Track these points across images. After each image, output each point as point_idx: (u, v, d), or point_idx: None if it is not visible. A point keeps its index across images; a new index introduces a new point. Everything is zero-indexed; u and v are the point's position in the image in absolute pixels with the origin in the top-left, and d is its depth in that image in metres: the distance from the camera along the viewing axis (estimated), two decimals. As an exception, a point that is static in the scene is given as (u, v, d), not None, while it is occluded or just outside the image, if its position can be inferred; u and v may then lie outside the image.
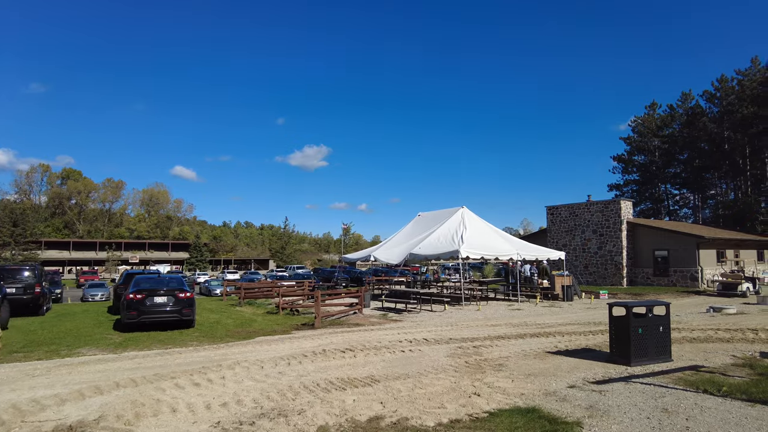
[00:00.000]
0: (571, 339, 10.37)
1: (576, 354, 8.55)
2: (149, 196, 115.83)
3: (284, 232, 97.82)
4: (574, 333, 11.20)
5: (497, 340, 10.19)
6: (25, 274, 16.77)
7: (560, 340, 10.19)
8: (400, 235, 24.23)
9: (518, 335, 10.90)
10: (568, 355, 8.44)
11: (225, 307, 20.51)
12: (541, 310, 17.12)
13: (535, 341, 10.08)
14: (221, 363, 7.86)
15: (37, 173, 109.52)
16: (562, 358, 8.23)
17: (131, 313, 12.14)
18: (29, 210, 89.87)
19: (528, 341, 10.09)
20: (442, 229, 20.98)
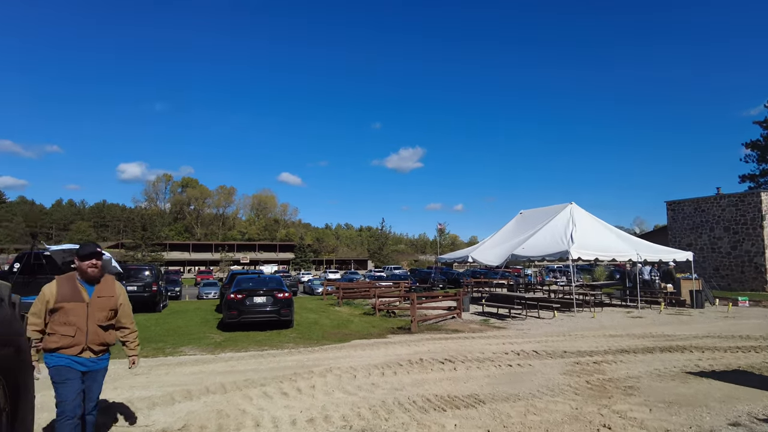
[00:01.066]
0: (715, 356, 8.63)
1: (727, 377, 6.96)
2: (258, 201, 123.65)
3: (381, 233, 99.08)
4: (717, 348, 9.36)
5: (621, 355, 8.76)
6: (144, 273, 18.07)
7: (700, 357, 8.51)
8: (500, 234, 22.83)
9: (645, 349, 9.34)
10: (716, 378, 6.89)
11: (324, 306, 20.64)
12: (667, 319, 14.95)
13: (667, 357, 8.51)
14: (313, 369, 7.45)
15: (161, 182, 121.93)
16: (710, 381, 6.72)
17: (232, 313, 12.36)
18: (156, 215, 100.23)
19: (659, 357, 8.55)
20: (548, 227, 19.31)
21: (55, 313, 3.58)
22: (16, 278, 10.59)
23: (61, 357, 3.56)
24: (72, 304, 3.60)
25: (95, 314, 3.68)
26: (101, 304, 3.73)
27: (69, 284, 3.68)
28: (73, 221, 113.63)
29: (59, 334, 3.55)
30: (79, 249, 3.77)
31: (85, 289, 3.70)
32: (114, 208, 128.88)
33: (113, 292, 3.85)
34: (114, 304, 3.82)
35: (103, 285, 3.80)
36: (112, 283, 3.90)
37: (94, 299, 3.70)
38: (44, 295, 3.60)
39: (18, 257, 11.27)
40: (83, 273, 3.71)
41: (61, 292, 3.61)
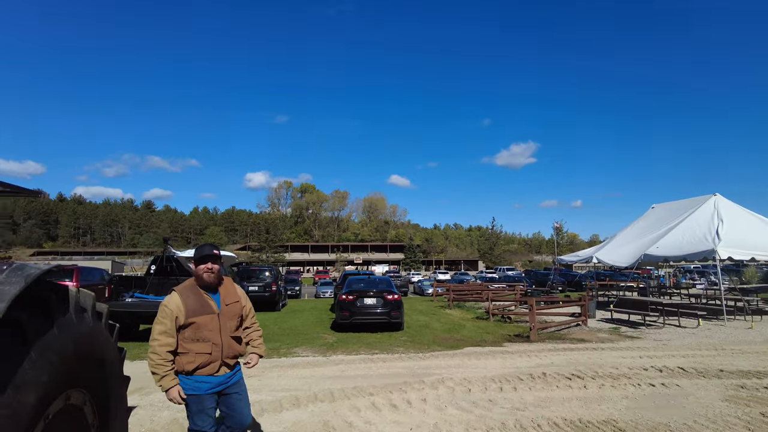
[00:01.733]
0: None
1: None
2: (369, 204, 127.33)
3: (492, 232, 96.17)
4: None
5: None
6: (264, 274, 19.08)
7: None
8: (629, 231, 20.56)
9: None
10: None
11: (434, 308, 20.18)
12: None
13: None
14: (424, 379, 6.99)
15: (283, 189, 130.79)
16: None
17: (344, 314, 12.39)
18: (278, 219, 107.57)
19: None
20: (686, 223, 16.91)
21: (185, 330, 3.09)
22: (151, 280, 11.59)
23: (200, 381, 3.11)
24: (204, 318, 3.12)
25: (227, 325, 3.23)
26: (230, 312, 3.28)
27: (194, 295, 3.19)
28: (207, 226, 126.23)
29: (193, 353, 3.08)
30: (195, 252, 3.35)
31: (212, 299, 3.23)
32: (241, 214, 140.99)
33: (237, 296, 3.40)
34: (240, 309, 3.39)
35: (226, 290, 3.35)
36: (233, 286, 3.44)
37: (223, 308, 3.25)
38: (170, 311, 3.07)
39: (153, 260, 12.34)
40: (199, 278, 3.23)
41: (189, 306, 3.12)
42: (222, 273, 3.39)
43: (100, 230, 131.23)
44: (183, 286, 3.25)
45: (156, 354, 3.01)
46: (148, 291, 11.48)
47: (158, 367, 3.00)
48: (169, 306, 3.09)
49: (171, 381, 3.04)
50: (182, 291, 3.19)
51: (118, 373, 2.57)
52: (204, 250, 3.27)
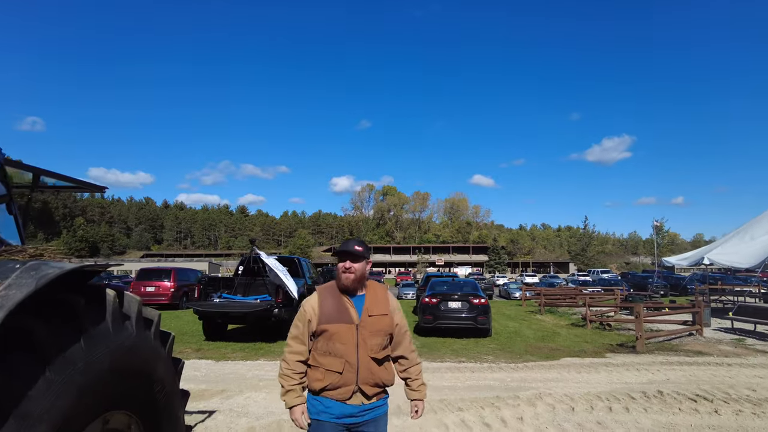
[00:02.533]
0: None
1: None
2: (450, 204, 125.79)
3: (584, 233, 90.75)
4: None
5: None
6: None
7: None
8: (752, 228, 18.04)
9: None
10: None
11: (524, 313, 19.05)
12: None
13: None
14: (518, 394, 6.28)
15: (365, 192, 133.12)
16: None
17: (427, 318, 11.87)
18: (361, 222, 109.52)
19: None
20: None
21: (317, 339, 2.51)
22: (238, 280, 11.81)
23: (328, 406, 2.44)
24: (337, 326, 2.46)
25: (367, 341, 2.47)
26: (375, 326, 2.51)
27: (332, 298, 2.55)
28: (296, 229, 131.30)
29: (323, 369, 2.45)
30: (339, 246, 2.68)
31: (353, 305, 2.53)
32: (327, 217, 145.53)
33: (386, 307, 2.59)
34: (389, 324, 2.57)
35: (374, 298, 2.57)
36: (384, 294, 2.64)
37: (365, 319, 2.51)
38: (305, 313, 2.53)
39: (240, 261, 12.59)
40: (337, 279, 2.58)
41: (324, 309, 2.50)
42: (367, 276, 2.63)
43: (199, 234, 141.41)
44: (325, 286, 2.64)
45: (284, 362, 2.51)
46: (236, 291, 11.71)
47: (284, 378, 2.48)
48: (305, 306, 2.55)
49: (295, 398, 2.46)
50: (322, 291, 2.59)
51: (171, 390, 2.24)
52: (344, 245, 2.58)
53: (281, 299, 10.65)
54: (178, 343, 10.61)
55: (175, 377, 2.38)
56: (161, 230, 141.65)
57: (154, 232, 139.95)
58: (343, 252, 2.54)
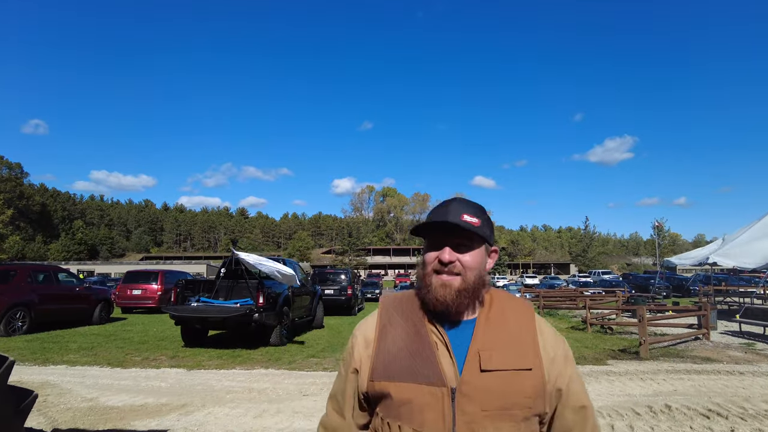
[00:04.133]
0: None
1: None
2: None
3: (585, 233, 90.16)
4: None
5: None
6: (340, 277, 18.45)
7: None
8: (757, 228, 17.40)
9: None
10: None
11: (522, 317, 18.41)
12: None
13: None
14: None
15: (365, 194, 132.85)
16: None
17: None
18: (361, 224, 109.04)
19: None
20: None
21: (376, 408, 1.20)
22: (220, 283, 11.20)
23: None
24: (410, 390, 1.12)
25: (478, 420, 1.10)
26: (494, 395, 1.11)
27: (406, 324, 1.21)
28: (296, 231, 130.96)
29: None
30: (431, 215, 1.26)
31: (448, 344, 1.16)
32: (327, 219, 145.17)
33: (527, 352, 1.16)
34: (533, 391, 1.13)
35: (496, 329, 1.19)
36: (526, 322, 1.22)
37: (473, 377, 1.12)
38: (351, 350, 1.28)
39: (223, 263, 11.99)
40: (421, 288, 1.22)
41: (386, 347, 1.19)
42: (486, 282, 1.24)
43: (199, 236, 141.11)
44: (396, 298, 1.31)
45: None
46: (216, 295, 11.10)
47: None
48: (353, 337, 1.30)
49: None
50: (389, 307, 1.27)
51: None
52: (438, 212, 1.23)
53: (263, 302, 10.05)
54: (155, 349, 10.03)
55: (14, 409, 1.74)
56: (161, 233, 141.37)
57: (154, 235, 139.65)
58: (433, 227, 1.20)
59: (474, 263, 1.19)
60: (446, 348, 1.16)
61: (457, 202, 1.24)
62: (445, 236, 1.20)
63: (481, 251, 1.22)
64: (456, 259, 1.18)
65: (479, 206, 1.27)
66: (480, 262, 1.21)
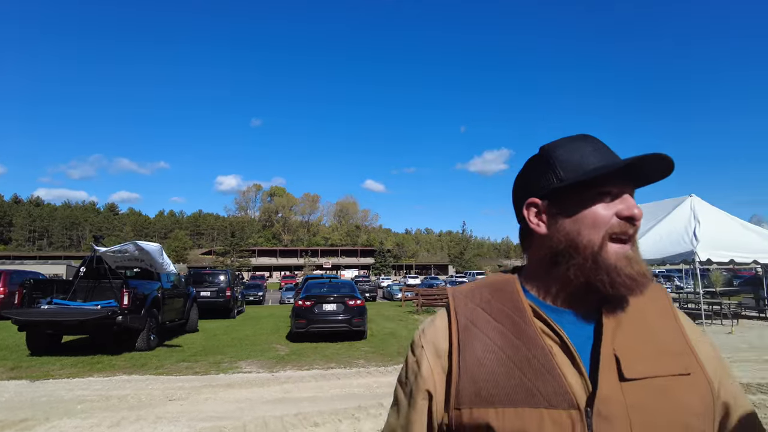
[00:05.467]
0: None
1: None
2: (341, 208, 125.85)
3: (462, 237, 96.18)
4: None
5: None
6: (219, 278, 17.57)
7: None
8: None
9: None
10: None
11: (402, 314, 19.08)
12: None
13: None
14: (383, 401, 5.82)
15: (252, 192, 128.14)
16: None
17: (300, 322, 11.11)
18: (246, 223, 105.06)
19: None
20: (664, 224, 16.26)
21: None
22: (78, 283, 10.06)
23: None
24: (519, 416, 0.71)
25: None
26: (648, 412, 0.70)
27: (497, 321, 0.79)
28: (172, 230, 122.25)
29: None
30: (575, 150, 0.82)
31: (568, 344, 0.75)
32: (209, 218, 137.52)
33: (678, 345, 0.77)
34: (705, 397, 0.74)
35: (634, 321, 0.78)
36: (666, 306, 0.83)
37: (613, 391, 0.71)
38: (414, 369, 0.84)
39: (83, 261, 10.79)
40: (595, 265, 0.76)
41: (472, 361, 0.77)
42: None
43: (59, 234, 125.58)
44: (479, 286, 0.87)
45: None
46: (75, 296, 9.94)
47: None
48: (416, 353, 0.85)
49: None
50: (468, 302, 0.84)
51: None
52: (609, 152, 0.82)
53: (128, 304, 9.21)
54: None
55: None
56: (9, 228, 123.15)
57: (0, 231, 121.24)
58: (642, 162, 0.77)
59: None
60: (568, 352, 0.76)
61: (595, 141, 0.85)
62: (628, 185, 0.81)
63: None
64: (634, 226, 0.78)
65: None
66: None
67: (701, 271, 34.64)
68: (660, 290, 0.84)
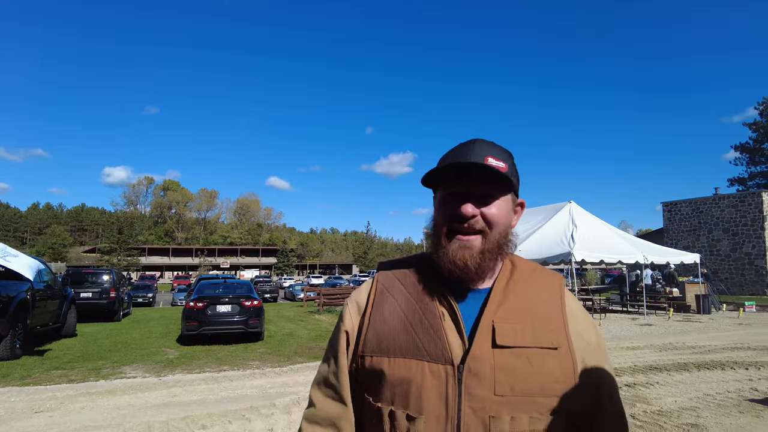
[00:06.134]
0: (765, 375, 7.18)
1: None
2: (241, 205, 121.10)
3: (367, 237, 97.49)
4: (761, 364, 7.91)
5: (652, 374, 7.27)
6: (102, 278, 16.18)
7: (750, 377, 7.04)
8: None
9: (678, 365, 7.87)
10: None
11: (303, 314, 18.94)
12: (680, 327, 13.59)
13: (711, 377, 7.04)
14: (276, 401, 5.80)
15: (143, 186, 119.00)
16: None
17: (190, 324, 10.62)
18: (135, 219, 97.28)
19: (700, 377, 7.07)
20: (546, 227, 17.86)
21: (367, 386, 0.98)
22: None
23: None
24: (408, 366, 0.93)
25: (489, 406, 0.88)
26: (514, 378, 0.89)
27: (408, 290, 1.01)
28: (49, 225, 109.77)
29: None
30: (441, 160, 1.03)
31: (458, 314, 0.95)
32: (93, 212, 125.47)
33: (553, 328, 0.95)
34: (567, 369, 0.92)
35: (516, 298, 0.97)
36: (555, 293, 1.00)
37: (484, 353, 0.90)
38: (342, 318, 1.07)
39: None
40: (437, 247, 0.99)
41: (381, 316, 0.99)
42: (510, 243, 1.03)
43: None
44: (399, 261, 1.10)
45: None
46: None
47: None
48: (344, 310, 1.08)
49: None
50: (388, 273, 1.07)
51: None
52: (459, 152, 0.99)
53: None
54: None
55: None
56: None
57: None
58: (451, 171, 0.97)
59: (500, 217, 0.97)
60: (455, 318, 0.94)
61: (481, 143, 1.00)
62: (465, 185, 0.96)
63: (508, 203, 1.00)
64: (479, 213, 0.95)
65: (506, 149, 1.03)
66: (507, 216, 0.99)
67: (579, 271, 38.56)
68: (556, 278, 1.03)
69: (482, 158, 0.95)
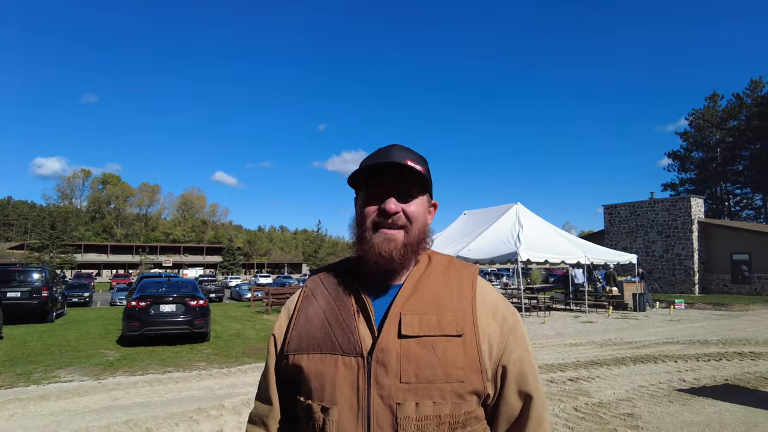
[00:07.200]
0: (692, 367, 7.71)
1: (723, 395, 5.93)
2: (185, 201, 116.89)
3: (317, 236, 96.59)
4: (687, 357, 8.51)
5: (594, 368, 7.64)
6: (32, 276, 15.17)
7: (679, 369, 7.55)
8: (444, 236, 21.71)
9: (616, 360, 8.32)
10: (713, 397, 5.84)
11: (251, 314, 18.54)
12: (618, 324, 14.36)
13: (645, 370, 7.49)
14: (224, 402, 5.65)
15: (78, 179, 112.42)
16: (710, 402, 5.64)
17: (132, 324, 10.15)
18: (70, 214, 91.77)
19: (636, 370, 7.51)
20: (494, 228, 18.39)
21: (293, 384, 1.06)
22: None
23: None
24: (320, 360, 1.00)
25: (396, 404, 0.93)
26: (417, 366, 0.95)
27: (329, 290, 1.09)
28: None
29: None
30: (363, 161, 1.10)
31: (370, 307, 1.02)
32: (21, 206, 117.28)
33: (460, 314, 1.00)
34: (471, 356, 0.97)
35: (425, 289, 1.03)
36: (462, 283, 1.05)
37: (390, 344, 0.96)
38: (274, 324, 1.15)
39: None
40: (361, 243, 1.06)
41: (304, 318, 1.06)
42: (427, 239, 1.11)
43: None
44: (329, 266, 1.18)
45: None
46: None
47: None
48: (278, 316, 1.15)
49: None
50: (316, 278, 1.14)
51: None
52: (379, 155, 1.07)
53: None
54: None
55: None
56: None
57: None
58: (374, 169, 1.04)
59: (420, 214, 1.06)
60: (366, 313, 1.01)
61: (399, 147, 1.09)
62: (386, 184, 1.04)
63: (425, 202, 1.09)
64: (401, 210, 1.04)
65: (420, 155, 1.12)
66: (424, 213, 1.09)
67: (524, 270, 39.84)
68: (469, 269, 1.09)
69: (403, 160, 1.03)
